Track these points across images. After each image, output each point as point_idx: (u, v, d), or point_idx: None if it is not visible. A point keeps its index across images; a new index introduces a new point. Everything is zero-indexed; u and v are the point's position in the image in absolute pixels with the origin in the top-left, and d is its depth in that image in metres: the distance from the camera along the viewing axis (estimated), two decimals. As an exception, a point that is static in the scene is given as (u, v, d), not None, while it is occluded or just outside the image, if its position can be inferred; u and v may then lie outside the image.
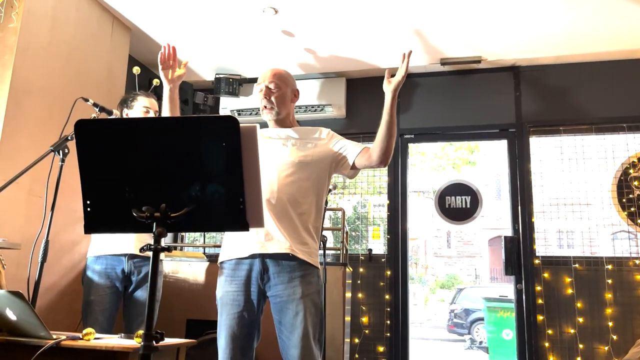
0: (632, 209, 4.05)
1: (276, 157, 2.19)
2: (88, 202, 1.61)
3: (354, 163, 2.25)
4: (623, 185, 4.11)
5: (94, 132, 1.58)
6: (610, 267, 3.93)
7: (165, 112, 2.30)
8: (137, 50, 4.27)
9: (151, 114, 2.91)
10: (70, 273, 3.31)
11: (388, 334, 4.21)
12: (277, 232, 2.09)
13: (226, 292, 2.13)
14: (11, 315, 1.77)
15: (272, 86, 2.29)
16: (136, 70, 3.25)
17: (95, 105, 2.60)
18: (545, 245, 4.29)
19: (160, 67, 2.27)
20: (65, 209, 3.05)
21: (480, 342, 10.30)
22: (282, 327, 2.06)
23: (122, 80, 3.94)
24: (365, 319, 4.28)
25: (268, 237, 2.08)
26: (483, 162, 21.95)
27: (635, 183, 4.09)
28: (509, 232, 4.27)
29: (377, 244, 5.44)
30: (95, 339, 1.82)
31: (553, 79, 4.31)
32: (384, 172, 4.60)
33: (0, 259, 2.62)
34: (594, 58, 4.20)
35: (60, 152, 2.40)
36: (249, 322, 2.09)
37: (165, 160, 1.57)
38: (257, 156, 1.60)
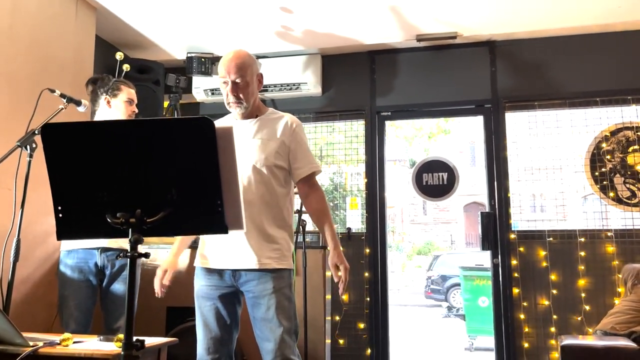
0: (605, 182, 4.12)
1: (241, 158, 2.13)
2: (59, 207, 1.56)
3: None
4: (596, 159, 4.17)
5: (62, 136, 1.52)
6: (583, 239, 4.02)
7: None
8: (104, 30, 4.12)
9: (133, 105, 2.87)
10: (44, 264, 3.25)
11: (367, 311, 4.27)
12: (246, 246, 2.10)
13: (201, 285, 2.18)
14: (-16, 323, 1.72)
15: (238, 80, 2.18)
16: (119, 55, 3.12)
17: (62, 96, 2.50)
18: (521, 211, 4.34)
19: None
20: (36, 200, 2.96)
21: (458, 310, 10.55)
22: (256, 322, 2.11)
23: (89, 62, 3.81)
24: (345, 297, 4.32)
25: (237, 252, 2.11)
26: (458, 130, 22.13)
27: (608, 157, 4.15)
28: (483, 198, 4.33)
29: (355, 215, 5.47)
30: (74, 342, 1.79)
31: (528, 54, 4.31)
32: (361, 147, 4.57)
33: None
34: (568, 32, 4.19)
35: (28, 147, 2.30)
36: (225, 314, 2.14)
37: (139, 163, 1.52)
38: (234, 157, 1.56)
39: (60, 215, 1.55)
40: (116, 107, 2.82)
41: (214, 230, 1.59)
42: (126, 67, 3.17)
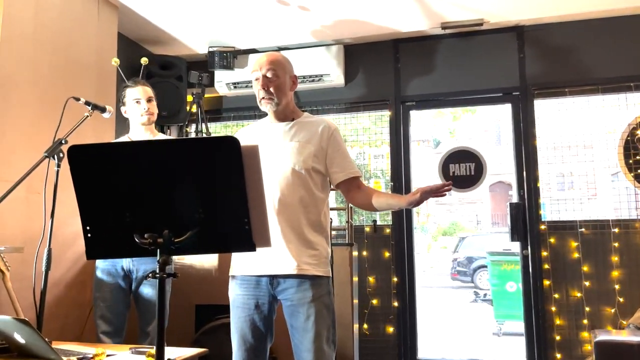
0: (639, 171, 4.00)
1: (278, 160, 2.11)
2: (88, 227, 1.56)
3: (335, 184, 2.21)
4: (630, 147, 4.03)
5: (88, 157, 1.51)
6: (616, 230, 3.92)
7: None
8: (126, 28, 4.11)
9: (143, 104, 2.79)
10: (75, 265, 3.30)
11: (396, 304, 4.25)
12: (285, 250, 2.04)
13: (237, 295, 2.13)
14: (19, 338, 1.75)
15: (269, 74, 2.13)
16: (144, 60, 3.10)
17: (87, 103, 2.50)
18: (549, 189, 4.24)
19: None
20: (65, 202, 2.97)
21: (485, 295, 10.48)
22: (294, 331, 2.06)
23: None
24: (372, 289, 4.30)
25: (275, 256, 2.04)
26: (483, 108, 21.76)
27: (643, 144, 4.01)
28: (509, 178, 4.27)
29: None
30: (107, 356, 1.81)
31: (558, 39, 4.17)
32: (385, 128, 4.53)
33: (4, 261, 2.61)
34: (599, 15, 4.03)
35: (55, 156, 2.32)
36: (260, 325, 2.10)
37: (166, 183, 1.51)
38: (260, 175, 1.54)
39: (89, 235, 1.55)
40: (129, 112, 2.82)
41: (242, 248, 1.57)
42: (144, 60, 3.10)
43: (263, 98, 2.16)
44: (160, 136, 2.92)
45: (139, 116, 2.79)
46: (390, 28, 4.24)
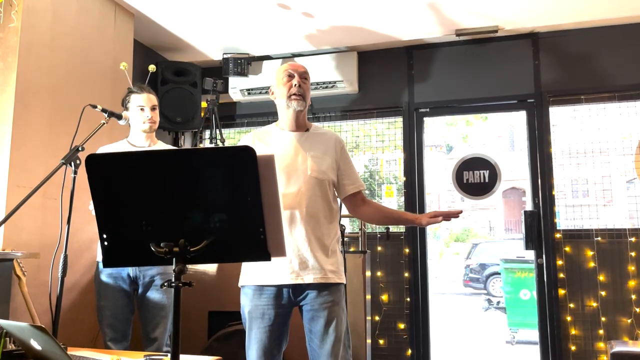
0: (657, 179, 3.95)
1: (301, 170, 2.15)
2: (105, 236, 1.57)
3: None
4: (647, 155, 3.99)
5: (105, 166, 1.53)
6: (633, 239, 3.87)
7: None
8: (141, 35, 4.15)
9: (147, 112, 2.75)
10: (90, 270, 3.32)
11: (408, 311, 4.22)
12: (312, 258, 2.08)
13: (255, 305, 2.11)
14: (36, 345, 1.76)
15: (305, 76, 2.25)
16: (152, 68, 3.11)
17: (104, 110, 2.52)
18: (565, 196, 4.21)
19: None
20: (81, 208, 3.02)
21: (498, 302, 10.38)
22: (313, 336, 2.09)
23: (129, 68, 3.84)
24: (385, 297, 4.29)
25: (303, 265, 2.08)
26: (496, 114, 21.63)
27: (660, 152, 3.96)
28: (522, 184, 4.24)
29: (391, 203, 5.40)
30: (121, 363, 1.82)
31: (574, 46, 4.13)
32: (399, 132, 4.52)
33: (20, 267, 2.63)
34: (616, 22, 4.00)
35: (72, 163, 2.34)
36: (279, 333, 2.12)
37: (182, 192, 1.52)
38: (276, 184, 1.54)
39: (106, 243, 1.56)
40: (131, 118, 2.75)
41: (257, 257, 1.57)
42: (151, 68, 3.10)
43: (295, 94, 2.19)
44: (160, 144, 2.90)
45: (142, 123, 2.75)
46: (404, 35, 4.23)
